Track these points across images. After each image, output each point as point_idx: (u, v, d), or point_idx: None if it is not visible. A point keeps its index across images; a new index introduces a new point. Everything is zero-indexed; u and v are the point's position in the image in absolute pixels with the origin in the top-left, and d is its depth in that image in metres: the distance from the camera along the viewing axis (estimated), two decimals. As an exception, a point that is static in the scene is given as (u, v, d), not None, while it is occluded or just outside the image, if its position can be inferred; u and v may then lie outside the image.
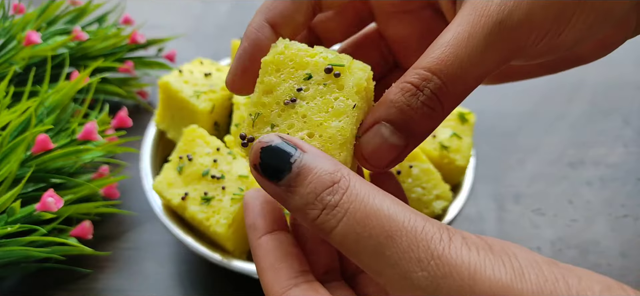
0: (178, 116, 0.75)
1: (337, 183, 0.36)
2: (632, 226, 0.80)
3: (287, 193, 0.37)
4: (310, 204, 0.36)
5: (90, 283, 0.73)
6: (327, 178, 0.36)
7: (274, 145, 0.38)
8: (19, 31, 0.88)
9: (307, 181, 0.37)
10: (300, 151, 0.38)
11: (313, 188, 0.36)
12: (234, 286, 0.72)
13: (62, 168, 0.75)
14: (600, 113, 0.98)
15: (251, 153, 0.39)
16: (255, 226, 0.44)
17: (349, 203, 0.36)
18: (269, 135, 0.39)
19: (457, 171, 0.72)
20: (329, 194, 0.36)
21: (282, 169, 0.37)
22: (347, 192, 0.36)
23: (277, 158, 0.38)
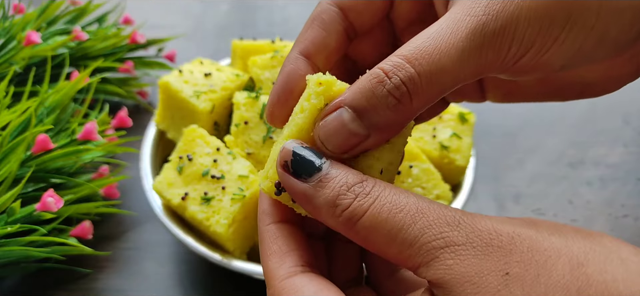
0: (178, 116, 0.75)
1: (365, 181, 0.38)
2: (632, 226, 0.80)
3: (317, 188, 0.38)
4: (343, 195, 0.37)
5: (90, 283, 0.73)
6: (356, 176, 0.38)
7: (305, 147, 0.39)
8: (19, 31, 0.88)
9: (339, 177, 0.38)
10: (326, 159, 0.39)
11: (345, 181, 0.37)
12: (234, 286, 0.72)
13: (62, 168, 0.75)
14: (600, 113, 0.98)
15: (281, 153, 0.39)
16: (268, 212, 0.42)
17: (380, 191, 0.37)
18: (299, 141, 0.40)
19: (457, 171, 0.72)
20: (360, 187, 0.37)
21: (313, 168, 0.38)
22: (376, 184, 0.37)
23: (308, 158, 0.39)
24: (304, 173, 0.38)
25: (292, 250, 0.40)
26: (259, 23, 1.20)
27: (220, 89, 0.74)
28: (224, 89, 0.74)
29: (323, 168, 0.38)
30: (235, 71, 0.78)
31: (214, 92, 0.74)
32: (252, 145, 0.69)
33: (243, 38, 0.83)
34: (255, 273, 0.64)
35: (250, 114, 0.70)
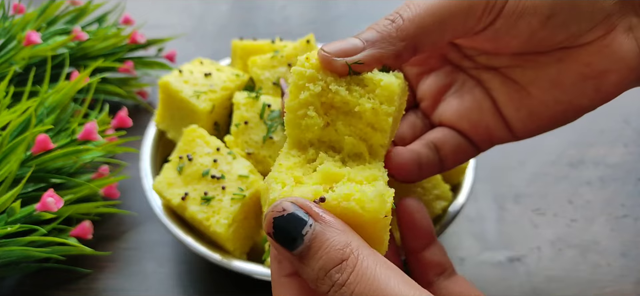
0: (178, 116, 0.75)
1: (345, 260, 0.38)
2: (632, 226, 0.80)
3: (301, 264, 0.39)
4: (320, 279, 0.38)
5: (90, 283, 0.73)
6: (336, 255, 0.38)
7: (287, 214, 0.39)
8: (19, 31, 0.88)
9: (318, 256, 0.38)
10: (313, 221, 0.39)
11: (323, 264, 0.38)
12: (234, 286, 0.72)
13: (62, 168, 0.75)
14: (600, 113, 0.97)
15: (264, 221, 0.40)
16: (281, 262, 0.43)
17: (355, 284, 0.37)
18: (283, 202, 0.39)
19: (457, 171, 0.72)
20: (337, 272, 0.37)
21: (295, 239, 0.39)
22: (355, 270, 0.37)
23: (291, 227, 0.39)
24: (286, 245, 0.39)
25: None
26: (259, 23, 1.20)
27: (220, 89, 0.74)
28: (224, 89, 0.74)
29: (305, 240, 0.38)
30: (235, 71, 0.78)
31: (214, 92, 0.74)
32: (252, 145, 0.69)
33: (243, 38, 0.83)
34: (255, 273, 0.64)
35: (250, 114, 0.70)
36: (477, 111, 0.55)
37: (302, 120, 0.45)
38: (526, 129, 0.54)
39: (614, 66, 0.49)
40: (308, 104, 0.45)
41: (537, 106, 0.52)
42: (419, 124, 0.58)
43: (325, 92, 0.44)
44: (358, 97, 0.44)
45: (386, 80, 0.44)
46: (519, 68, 0.52)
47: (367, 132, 0.45)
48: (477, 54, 0.55)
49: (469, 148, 0.56)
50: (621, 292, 0.72)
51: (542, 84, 0.51)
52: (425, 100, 0.58)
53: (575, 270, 0.75)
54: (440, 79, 0.57)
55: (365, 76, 0.44)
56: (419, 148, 0.55)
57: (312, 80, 0.44)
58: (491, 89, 0.54)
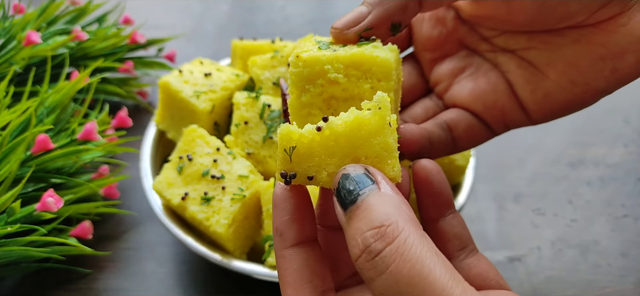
0: (178, 116, 0.75)
1: (385, 227, 0.35)
2: (632, 226, 0.80)
3: (346, 223, 0.37)
4: (354, 239, 0.36)
5: (90, 283, 0.73)
6: (376, 218, 0.35)
7: (354, 175, 0.38)
8: (19, 31, 0.88)
9: (363, 215, 0.36)
10: (375, 188, 0.37)
11: (361, 224, 0.36)
12: (234, 286, 0.72)
13: (62, 168, 0.75)
14: (600, 113, 0.98)
15: (335, 178, 0.39)
16: (283, 234, 0.43)
17: (393, 258, 0.34)
18: (355, 165, 0.39)
19: (457, 171, 0.72)
20: (372, 237, 0.35)
21: (351, 200, 0.37)
22: (394, 243, 0.34)
23: (351, 188, 0.37)
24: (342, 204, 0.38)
25: (307, 281, 0.41)
26: (259, 23, 1.20)
27: (220, 89, 0.74)
28: (224, 89, 0.74)
29: (357, 201, 0.37)
30: (235, 71, 0.78)
31: (214, 92, 0.74)
32: (252, 145, 0.69)
33: (243, 38, 0.83)
34: (255, 273, 0.64)
35: (250, 114, 0.70)
36: (492, 92, 0.54)
37: (307, 118, 0.46)
38: (541, 112, 0.53)
39: (632, 47, 0.48)
40: (310, 104, 0.45)
41: (553, 88, 0.51)
42: (432, 106, 0.57)
43: (325, 88, 0.45)
44: (356, 81, 0.44)
45: (382, 56, 0.44)
46: (535, 50, 0.52)
47: None
48: (494, 34, 0.54)
49: (483, 129, 0.55)
50: (621, 292, 0.72)
51: (558, 65, 0.51)
52: (439, 84, 0.57)
53: (575, 270, 0.75)
54: (454, 63, 0.56)
55: (362, 54, 0.44)
56: (431, 126, 0.54)
57: (311, 80, 0.45)
58: (507, 72, 0.53)
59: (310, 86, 0.45)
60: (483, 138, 0.55)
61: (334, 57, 0.44)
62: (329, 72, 0.44)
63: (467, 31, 0.55)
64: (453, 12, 0.55)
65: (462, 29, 0.55)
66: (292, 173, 0.40)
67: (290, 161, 0.40)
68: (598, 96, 0.51)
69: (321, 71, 0.44)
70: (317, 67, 0.44)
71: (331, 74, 0.44)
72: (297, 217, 0.42)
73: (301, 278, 0.41)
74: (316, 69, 0.44)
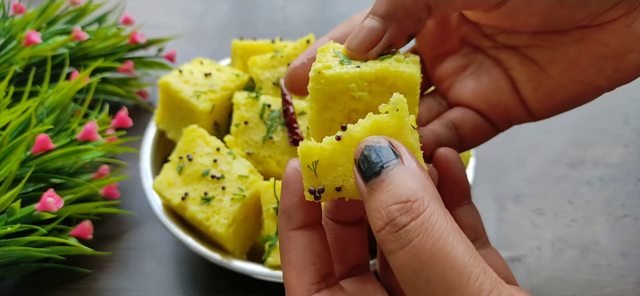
0: (178, 116, 0.75)
1: (411, 202, 0.35)
2: (632, 226, 0.80)
3: (368, 195, 0.37)
4: (378, 211, 0.36)
5: (90, 283, 0.73)
6: (403, 193, 0.35)
7: (378, 147, 0.38)
8: (19, 31, 0.88)
9: (387, 189, 0.36)
10: (399, 162, 0.37)
11: (386, 197, 0.36)
12: (234, 286, 0.72)
13: (62, 168, 0.75)
14: (600, 113, 0.98)
15: (357, 149, 0.38)
16: (290, 216, 0.43)
17: (418, 232, 0.34)
18: (378, 137, 0.38)
19: (457, 171, 0.71)
20: (398, 211, 0.35)
21: (375, 172, 0.37)
22: (420, 218, 0.35)
23: (376, 159, 0.37)
24: (365, 176, 0.38)
25: (310, 263, 0.41)
26: (259, 23, 1.20)
27: (220, 89, 0.74)
28: (224, 89, 0.74)
29: (381, 173, 0.37)
30: (235, 71, 0.78)
31: (214, 92, 0.74)
32: (252, 145, 0.69)
33: (243, 38, 0.83)
34: (255, 273, 0.64)
35: (250, 114, 0.70)
36: (495, 90, 0.54)
37: (329, 132, 0.45)
38: (544, 109, 0.53)
39: (635, 46, 0.48)
40: (332, 119, 0.45)
41: (555, 86, 0.51)
42: (435, 105, 0.57)
43: (347, 105, 0.44)
44: (380, 96, 0.44)
45: (407, 71, 0.43)
46: (537, 47, 0.52)
47: None
48: (496, 32, 0.54)
49: (488, 127, 0.55)
50: (621, 292, 0.72)
51: (561, 64, 0.51)
52: (442, 82, 0.57)
53: (575, 270, 0.75)
54: (458, 60, 0.56)
55: (387, 70, 0.43)
56: (438, 127, 0.54)
57: (334, 99, 0.44)
58: (510, 69, 0.53)
59: (332, 103, 0.44)
60: (488, 135, 0.55)
61: (358, 75, 0.43)
62: (353, 91, 0.43)
63: (470, 29, 0.56)
64: None
65: (465, 27, 0.56)
66: (320, 188, 0.40)
67: (316, 176, 0.40)
68: (599, 93, 0.51)
69: (345, 89, 0.43)
70: (340, 85, 0.43)
71: (356, 93, 0.43)
72: (305, 199, 0.42)
73: (304, 259, 0.41)
74: (339, 87, 0.43)
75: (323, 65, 0.44)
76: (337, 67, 0.44)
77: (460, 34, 0.56)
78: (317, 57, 0.45)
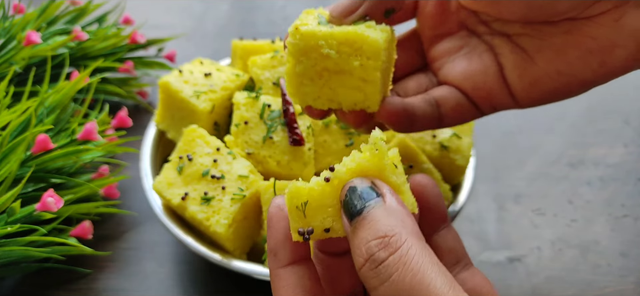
0: (178, 116, 0.75)
1: (389, 237, 0.36)
2: (632, 226, 0.80)
3: (351, 233, 0.39)
4: (359, 248, 0.37)
5: (90, 283, 0.73)
6: (381, 229, 0.37)
7: (360, 188, 0.39)
8: (19, 31, 0.88)
9: (368, 226, 0.38)
10: (380, 201, 0.39)
11: (365, 235, 0.37)
12: (234, 286, 0.72)
13: (62, 168, 0.75)
14: (600, 113, 0.98)
15: (342, 190, 0.40)
16: (277, 254, 0.44)
17: (396, 267, 0.35)
18: (362, 178, 0.40)
19: (457, 171, 0.72)
20: (377, 247, 0.36)
21: (357, 211, 0.39)
22: (397, 253, 0.36)
23: (358, 200, 0.39)
24: (349, 216, 0.39)
25: None
26: (259, 23, 1.20)
27: (220, 89, 0.74)
28: (224, 89, 0.74)
29: (363, 212, 0.38)
30: (235, 71, 0.78)
31: (214, 92, 0.74)
32: (252, 145, 0.69)
33: (243, 38, 0.83)
34: (255, 273, 0.64)
35: (250, 114, 0.70)
36: (482, 73, 0.55)
37: (301, 87, 0.49)
38: (528, 97, 0.54)
39: (622, 42, 0.48)
40: (303, 74, 0.49)
41: (540, 75, 0.52)
42: (426, 82, 0.58)
43: (318, 61, 0.48)
44: (346, 57, 0.47)
45: (372, 36, 0.46)
46: (527, 36, 0.53)
47: (360, 85, 0.48)
48: (491, 19, 0.55)
49: (471, 108, 0.56)
50: (621, 292, 0.72)
51: (547, 53, 0.51)
52: (436, 61, 0.58)
53: (575, 270, 0.75)
54: (453, 42, 0.58)
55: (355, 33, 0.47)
56: (417, 101, 0.55)
57: (305, 53, 0.48)
58: (500, 55, 0.54)
59: (304, 58, 0.48)
60: (470, 116, 0.56)
61: (328, 34, 0.47)
62: (322, 48, 0.47)
63: (467, 14, 0.57)
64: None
65: (464, 11, 0.57)
66: (309, 229, 0.41)
67: (305, 217, 0.41)
68: (585, 88, 0.52)
69: (315, 46, 0.47)
70: (312, 41, 0.47)
71: (324, 49, 0.47)
72: (291, 236, 0.43)
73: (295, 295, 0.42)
74: (311, 43, 0.47)
75: (301, 22, 0.48)
76: (313, 26, 0.48)
77: (458, 17, 0.57)
78: (300, 17, 0.49)
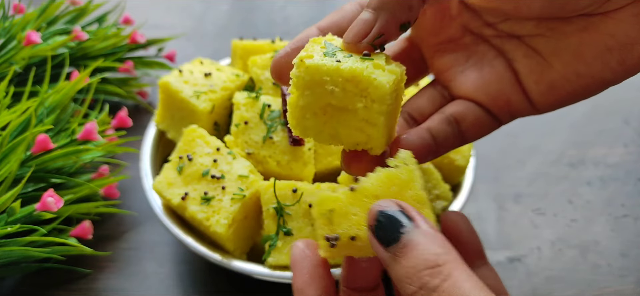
0: (178, 116, 0.75)
1: (439, 266, 0.37)
2: (632, 226, 0.80)
3: (392, 260, 0.39)
4: (409, 278, 0.38)
5: (90, 283, 0.73)
6: (431, 258, 0.38)
7: (391, 213, 0.40)
8: (19, 31, 0.88)
9: (413, 255, 0.38)
10: (414, 225, 0.39)
11: (415, 263, 0.38)
12: (234, 286, 0.72)
13: (62, 168, 0.75)
14: (600, 113, 0.98)
15: (369, 214, 0.41)
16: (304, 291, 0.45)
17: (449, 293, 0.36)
18: (388, 201, 0.41)
19: (457, 171, 0.72)
20: (428, 275, 0.37)
21: (393, 238, 0.39)
22: (449, 281, 0.37)
23: (391, 225, 0.40)
24: (383, 241, 0.40)
25: None
26: (259, 23, 1.20)
27: (220, 89, 0.74)
28: (224, 89, 0.74)
29: (402, 239, 0.39)
30: (235, 71, 0.78)
31: (214, 92, 0.74)
32: (252, 145, 0.69)
33: (243, 38, 0.83)
34: (255, 273, 0.64)
35: (250, 114, 0.70)
36: (497, 82, 0.52)
37: (303, 119, 0.47)
38: (547, 102, 0.51)
39: None
40: (308, 107, 0.46)
41: (558, 80, 0.50)
42: (438, 96, 0.56)
43: (322, 96, 0.46)
44: (351, 96, 0.45)
45: (379, 80, 0.44)
46: (541, 37, 0.50)
47: (363, 126, 0.46)
48: (498, 20, 0.52)
49: (490, 120, 0.53)
50: (621, 292, 0.72)
51: (564, 56, 0.49)
52: (443, 73, 0.56)
53: (575, 270, 0.75)
54: (459, 50, 0.55)
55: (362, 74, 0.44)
56: (436, 124, 0.52)
57: (310, 87, 0.45)
58: (513, 60, 0.52)
59: (308, 91, 0.46)
60: (490, 128, 0.54)
61: (334, 69, 0.44)
62: (327, 84, 0.45)
63: (471, 17, 0.54)
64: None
65: (466, 14, 0.54)
66: (335, 235, 0.42)
67: (332, 223, 0.43)
68: (604, 87, 0.49)
69: (320, 81, 0.45)
70: (317, 76, 0.45)
71: (329, 86, 0.45)
72: (315, 274, 0.44)
73: None
74: (316, 77, 0.45)
75: (306, 54, 0.46)
76: (318, 58, 0.45)
77: (461, 21, 0.54)
78: (306, 46, 0.47)
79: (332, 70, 0.44)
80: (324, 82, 0.45)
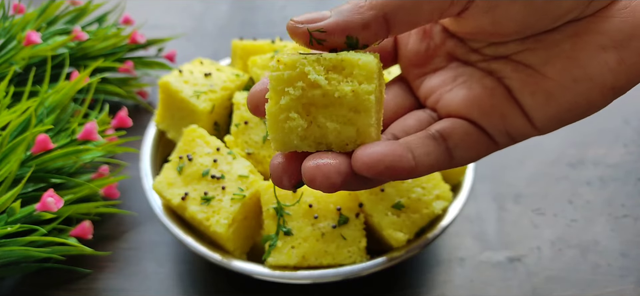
0: (178, 116, 0.75)
1: None
2: (632, 226, 0.80)
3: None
4: None
5: (90, 283, 0.73)
6: None
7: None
8: (19, 31, 0.88)
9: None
10: None
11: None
12: (234, 286, 0.72)
13: (62, 168, 0.75)
14: (600, 113, 0.97)
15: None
16: None
17: None
18: None
19: (457, 171, 0.72)
20: None
21: None
22: None
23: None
24: None
25: None
26: (259, 23, 1.20)
27: (220, 89, 0.74)
28: (224, 89, 0.74)
29: None
30: (235, 71, 0.78)
31: (214, 92, 0.74)
32: (252, 145, 0.69)
33: (243, 38, 0.83)
34: (255, 273, 0.64)
35: (250, 114, 0.70)
36: (489, 96, 0.48)
37: (285, 124, 0.44)
38: (546, 117, 0.46)
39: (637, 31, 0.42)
40: (289, 108, 0.44)
41: (554, 88, 0.45)
42: (426, 118, 0.52)
43: (305, 92, 0.43)
44: (336, 84, 0.43)
45: (363, 59, 0.43)
46: (529, 51, 0.47)
47: (351, 117, 0.43)
48: (483, 45, 0.49)
49: (483, 138, 0.48)
50: (621, 292, 0.72)
51: (557, 62, 0.45)
52: (430, 96, 0.52)
53: (575, 270, 0.75)
54: (445, 74, 0.52)
55: (344, 58, 0.43)
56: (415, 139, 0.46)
57: (290, 83, 0.43)
58: (503, 77, 0.48)
59: (289, 88, 0.43)
60: (484, 148, 0.49)
61: (315, 59, 0.43)
62: (309, 74, 0.43)
63: (455, 44, 0.51)
64: (439, 25, 0.52)
65: (450, 42, 0.52)
66: None
67: None
68: (608, 94, 0.45)
69: (302, 73, 0.43)
70: (298, 68, 0.43)
71: (312, 75, 0.43)
72: None
73: None
74: (297, 70, 0.43)
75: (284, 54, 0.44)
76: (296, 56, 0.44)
77: (446, 50, 0.52)
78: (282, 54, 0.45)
79: (314, 60, 0.43)
80: (306, 74, 0.43)
